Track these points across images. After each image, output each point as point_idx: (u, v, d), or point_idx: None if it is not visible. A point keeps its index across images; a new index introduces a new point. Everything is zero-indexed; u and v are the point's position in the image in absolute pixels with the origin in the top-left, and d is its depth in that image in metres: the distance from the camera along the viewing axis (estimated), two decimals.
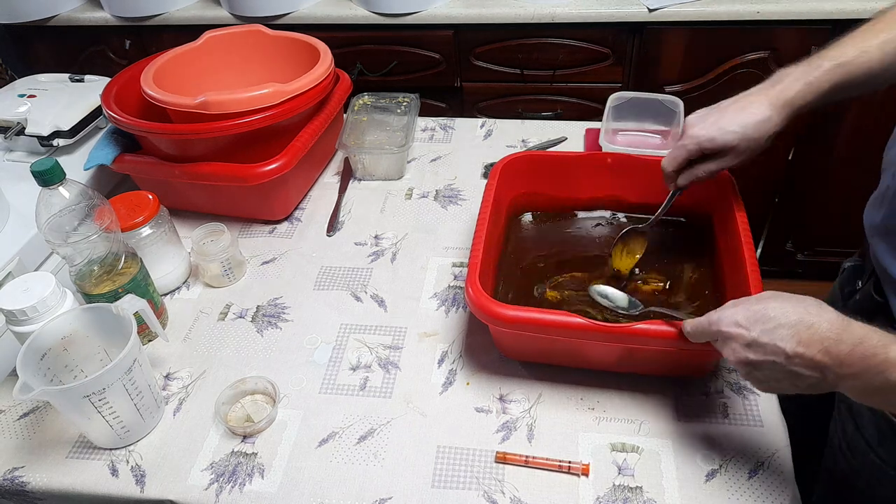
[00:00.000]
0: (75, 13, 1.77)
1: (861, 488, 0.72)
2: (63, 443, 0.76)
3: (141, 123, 0.96)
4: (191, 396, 0.81)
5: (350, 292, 0.93)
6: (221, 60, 1.15)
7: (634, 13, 1.53)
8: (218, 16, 1.70)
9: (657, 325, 0.67)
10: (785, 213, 1.84)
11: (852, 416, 0.72)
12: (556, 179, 0.94)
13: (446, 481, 0.70)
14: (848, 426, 0.73)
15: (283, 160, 0.97)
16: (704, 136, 0.73)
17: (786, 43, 1.55)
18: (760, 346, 0.56)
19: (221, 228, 0.94)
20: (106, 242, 0.78)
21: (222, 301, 0.93)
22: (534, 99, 1.75)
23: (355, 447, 0.74)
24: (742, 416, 0.74)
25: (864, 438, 0.70)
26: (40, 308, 0.73)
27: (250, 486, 0.71)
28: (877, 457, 0.69)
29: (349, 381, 0.81)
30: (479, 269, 0.74)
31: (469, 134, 1.25)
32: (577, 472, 0.69)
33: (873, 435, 0.69)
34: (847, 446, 0.74)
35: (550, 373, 0.79)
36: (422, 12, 1.61)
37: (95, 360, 0.77)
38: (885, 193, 0.68)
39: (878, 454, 0.68)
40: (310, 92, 1.00)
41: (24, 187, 1.00)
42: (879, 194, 0.71)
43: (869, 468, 0.70)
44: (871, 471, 0.70)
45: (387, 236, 1.03)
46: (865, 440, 0.70)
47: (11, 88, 1.21)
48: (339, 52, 1.59)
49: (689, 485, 0.68)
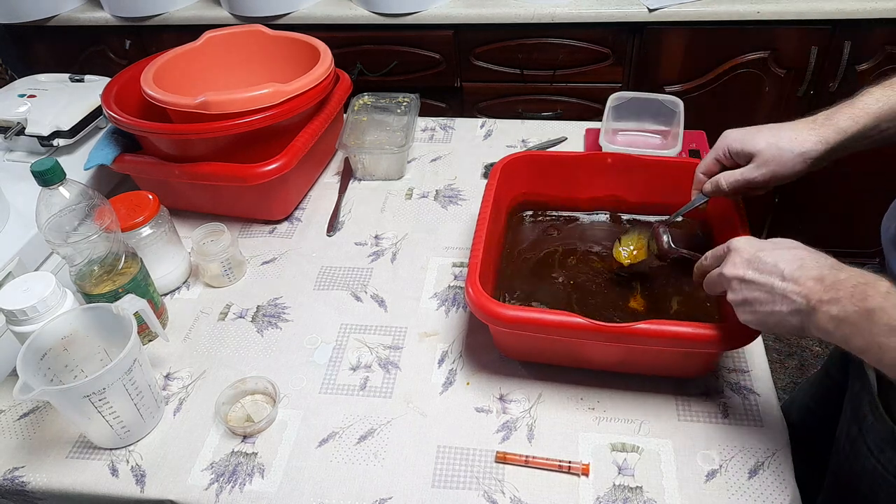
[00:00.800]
0: (75, 13, 1.77)
1: (864, 492, 0.72)
2: (63, 443, 0.76)
3: (141, 123, 0.96)
4: (191, 396, 0.81)
5: (350, 292, 0.93)
6: (221, 60, 1.15)
7: (634, 13, 1.54)
8: (218, 16, 1.70)
9: (657, 325, 0.67)
10: (785, 214, 1.84)
11: (857, 422, 0.72)
12: (556, 179, 0.94)
13: (446, 481, 0.70)
14: (852, 430, 0.73)
15: (283, 160, 0.97)
16: (733, 137, 0.72)
17: (786, 43, 1.55)
18: (762, 263, 0.59)
19: (221, 228, 0.94)
20: (106, 242, 0.78)
21: (222, 301, 0.93)
22: (534, 99, 1.75)
23: (355, 447, 0.74)
24: (742, 416, 0.74)
25: (867, 444, 0.70)
26: (40, 308, 0.73)
27: (250, 486, 0.71)
28: (878, 462, 0.69)
29: (349, 381, 0.81)
30: (479, 269, 0.74)
31: (469, 134, 1.25)
32: (577, 472, 0.69)
33: (875, 441, 0.69)
34: (850, 449, 0.74)
35: (550, 373, 0.79)
36: (422, 12, 1.61)
37: (95, 360, 0.77)
38: None
39: (879, 460, 0.68)
40: (310, 92, 1.00)
41: (24, 187, 1.00)
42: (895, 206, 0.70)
43: (870, 473, 0.70)
44: (873, 476, 0.70)
45: (387, 236, 1.03)
46: (867, 445, 0.70)
47: (11, 88, 1.21)
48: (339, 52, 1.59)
49: (689, 485, 0.68)
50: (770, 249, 0.60)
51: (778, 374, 1.77)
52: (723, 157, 0.74)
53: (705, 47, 1.59)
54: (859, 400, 0.72)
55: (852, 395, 0.75)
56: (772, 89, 1.62)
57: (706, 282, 0.67)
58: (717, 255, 0.66)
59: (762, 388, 0.76)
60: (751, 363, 0.79)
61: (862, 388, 0.71)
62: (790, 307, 0.56)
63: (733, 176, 0.73)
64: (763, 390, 0.76)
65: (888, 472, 0.68)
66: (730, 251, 0.63)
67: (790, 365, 1.80)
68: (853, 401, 0.74)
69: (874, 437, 0.69)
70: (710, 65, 1.62)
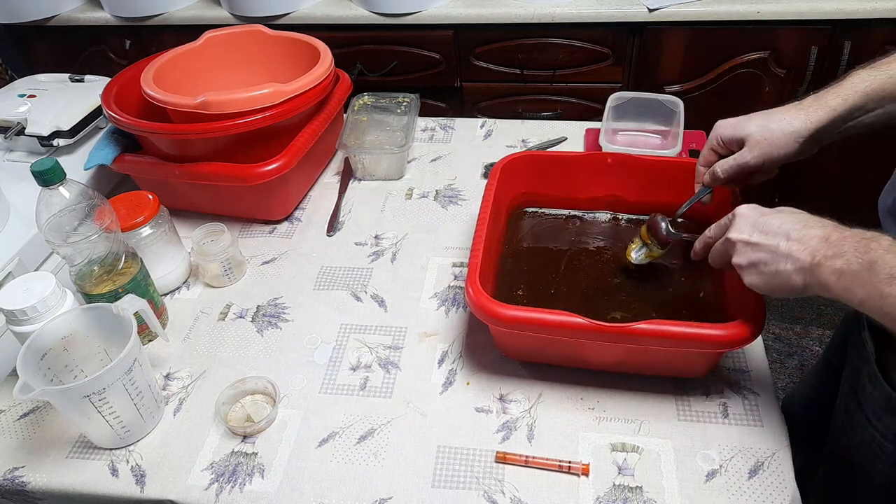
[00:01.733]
0: (75, 13, 1.77)
1: (860, 464, 0.73)
2: (63, 443, 0.76)
3: (141, 123, 0.96)
4: (191, 396, 0.81)
5: (350, 292, 0.93)
6: (221, 60, 1.15)
7: (634, 13, 1.54)
8: (218, 16, 1.70)
9: (657, 325, 0.67)
10: None
11: (855, 394, 0.73)
12: (556, 179, 0.94)
13: (446, 481, 0.70)
14: (850, 404, 0.74)
15: (283, 160, 0.97)
16: (725, 125, 0.74)
17: (786, 43, 1.55)
18: (767, 226, 0.60)
19: (221, 228, 0.94)
20: (106, 242, 0.78)
21: (222, 301, 0.93)
22: (534, 99, 1.75)
23: (355, 447, 0.74)
24: (742, 416, 0.74)
25: (865, 413, 0.71)
26: (40, 308, 0.73)
27: (250, 486, 0.71)
28: (876, 431, 0.70)
29: (349, 381, 0.81)
30: (479, 269, 0.74)
31: (469, 134, 1.25)
32: (577, 472, 0.69)
33: (873, 409, 0.70)
34: (848, 422, 0.75)
35: (550, 373, 0.79)
36: (422, 12, 1.61)
37: (95, 360, 0.77)
38: None
39: (878, 428, 0.69)
40: (310, 92, 1.00)
41: (24, 187, 1.00)
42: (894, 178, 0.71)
43: (868, 443, 0.71)
44: (870, 446, 0.71)
45: (387, 236, 1.03)
46: (866, 415, 0.71)
47: (11, 88, 1.21)
48: (339, 52, 1.59)
49: (689, 485, 0.68)
50: (773, 213, 0.62)
51: (778, 374, 1.77)
52: (717, 145, 0.75)
53: (705, 47, 1.59)
54: (858, 372, 0.73)
55: (850, 370, 0.76)
56: (772, 89, 1.62)
57: (712, 252, 0.68)
58: (722, 224, 0.67)
59: (762, 388, 0.76)
60: (751, 363, 0.79)
61: (860, 360, 0.72)
62: (795, 265, 0.58)
63: (727, 162, 0.74)
64: (763, 390, 0.76)
65: (886, 439, 0.69)
66: (735, 217, 0.64)
67: (790, 365, 1.80)
68: (851, 376, 0.75)
69: (872, 405, 0.70)
70: (710, 65, 1.62)
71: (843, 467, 0.77)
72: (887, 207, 0.72)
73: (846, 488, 0.78)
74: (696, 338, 0.67)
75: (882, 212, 0.73)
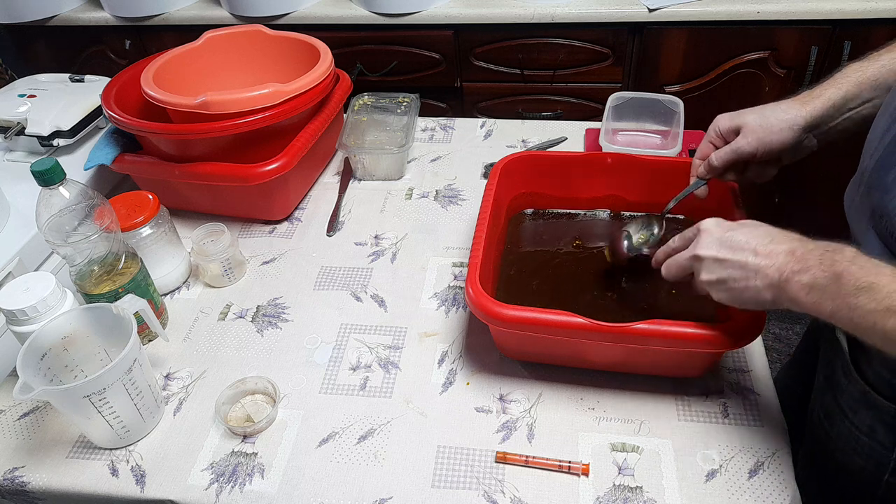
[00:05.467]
0: (75, 13, 1.77)
1: (837, 457, 0.73)
2: (63, 443, 0.76)
3: (141, 123, 0.96)
4: (191, 396, 0.81)
5: (350, 292, 0.93)
6: (221, 60, 1.15)
7: (634, 13, 1.54)
8: (218, 16, 1.70)
9: (657, 325, 0.67)
10: (785, 214, 1.84)
11: (831, 389, 0.73)
12: (556, 179, 0.94)
13: (446, 481, 0.70)
14: (826, 398, 0.74)
15: (283, 160, 0.97)
16: (723, 117, 0.75)
17: (786, 43, 1.55)
18: (734, 242, 0.60)
19: (221, 228, 0.94)
20: (106, 242, 0.78)
21: (222, 301, 0.93)
22: (534, 99, 1.75)
23: (355, 447, 0.74)
24: (742, 416, 0.74)
25: (841, 407, 0.71)
26: (40, 308, 0.73)
27: (250, 486, 0.71)
28: (852, 425, 0.70)
29: (349, 381, 0.81)
30: (479, 269, 0.74)
31: (469, 134, 1.25)
32: (577, 471, 0.69)
33: (848, 403, 0.70)
34: (825, 415, 0.75)
35: (550, 373, 0.79)
36: (422, 12, 1.61)
37: (95, 360, 0.77)
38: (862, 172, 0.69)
39: (854, 422, 0.69)
40: (310, 92, 1.00)
41: (24, 187, 1.00)
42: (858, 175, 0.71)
43: (845, 436, 0.71)
44: (847, 439, 0.71)
45: (387, 236, 1.03)
46: (842, 409, 0.71)
47: (11, 88, 1.21)
48: (339, 52, 1.59)
49: (689, 485, 0.68)
50: (739, 228, 0.62)
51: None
52: (715, 137, 0.76)
53: (705, 47, 1.59)
54: (832, 368, 0.73)
55: (824, 365, 0.76)
56: (772, 89, 1.62)
57: (669, 263, 0.68)
58: (687, 237, 0.67)
59: (762, 388, 0.76)
60: (751, 363, 0.79)
61: (835, 356, 0.72)
62: (765, 281, 0.58)
63: (723, 150, 0.74)
64: (763, 390, 0.76)
65: (861, 433, 0.69)
66: (700, 232, 0.65)
67: None
68: (825, 370, 0.75)
69: (847, 399, 0.70)
70: (710, 65, 1.62)
71: (820, 458, 0.77)
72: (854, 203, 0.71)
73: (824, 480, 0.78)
74: (696, 338, 0.67)
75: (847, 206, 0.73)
